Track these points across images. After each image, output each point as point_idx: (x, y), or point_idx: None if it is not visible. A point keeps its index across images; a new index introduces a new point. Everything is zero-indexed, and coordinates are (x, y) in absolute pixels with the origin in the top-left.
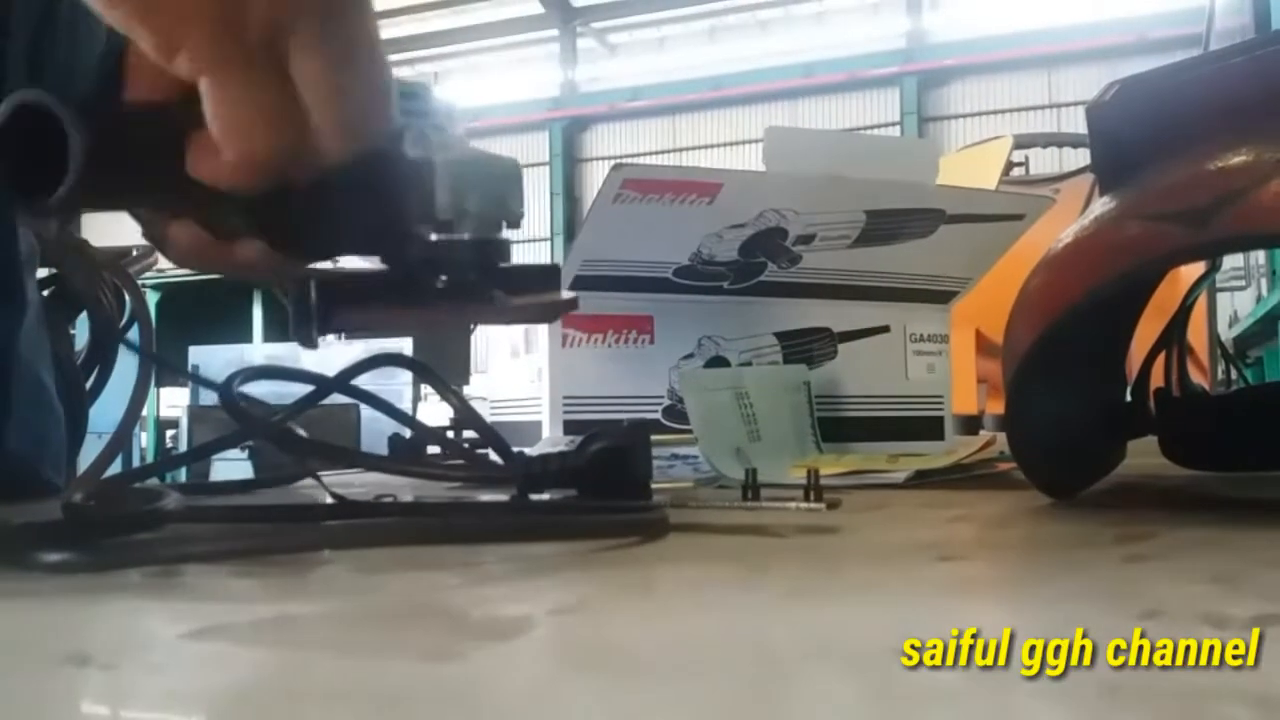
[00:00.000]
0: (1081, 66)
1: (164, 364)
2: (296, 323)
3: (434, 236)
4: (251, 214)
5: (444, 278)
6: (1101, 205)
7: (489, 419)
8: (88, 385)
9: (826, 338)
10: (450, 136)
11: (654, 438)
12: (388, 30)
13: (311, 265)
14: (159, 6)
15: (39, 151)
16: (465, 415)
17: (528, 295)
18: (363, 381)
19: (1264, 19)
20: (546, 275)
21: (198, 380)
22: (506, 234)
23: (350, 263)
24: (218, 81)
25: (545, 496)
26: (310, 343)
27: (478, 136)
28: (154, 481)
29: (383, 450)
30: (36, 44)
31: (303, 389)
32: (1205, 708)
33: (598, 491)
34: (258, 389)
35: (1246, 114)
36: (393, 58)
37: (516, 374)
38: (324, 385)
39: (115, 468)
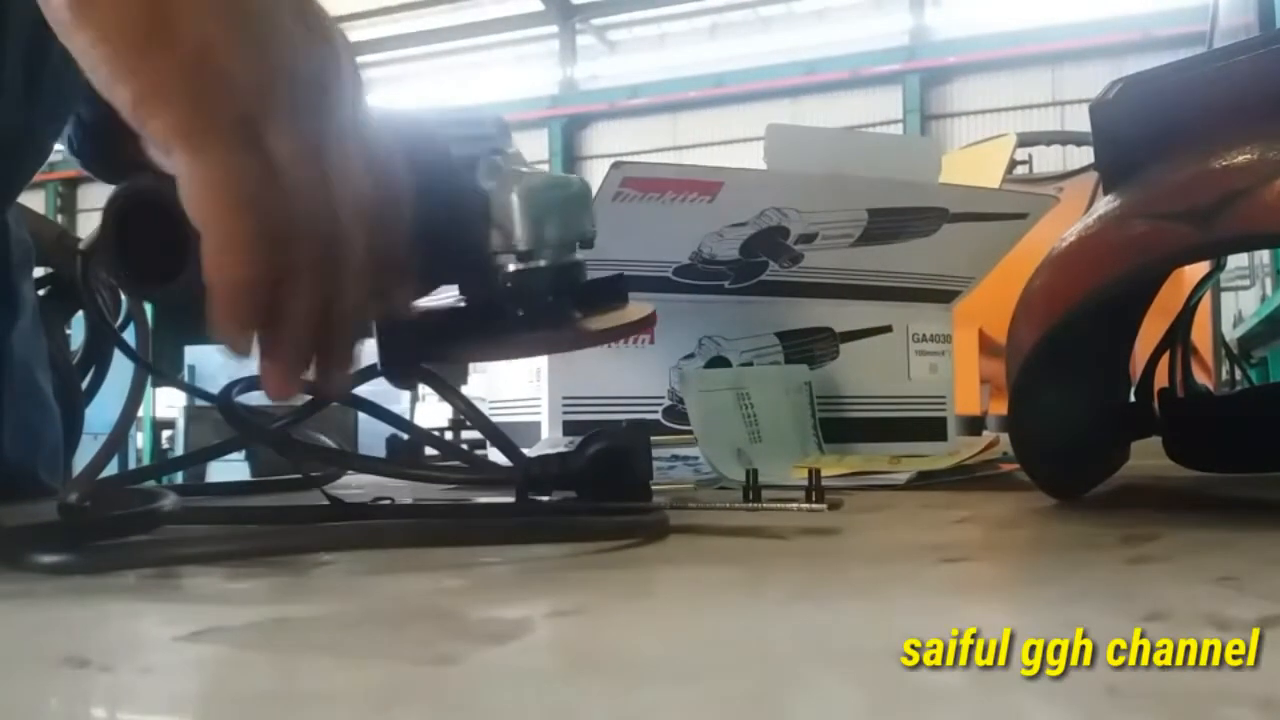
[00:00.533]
0: (1085, 64)
1: (158, 373)
2: (387, 361)
3: (513, 266)
4: None
5: (522, 310)
6: (1105, 204)
7: None
8: (84, 385)
9: (828, 337)
10: (516, 162)
11: (654, 438)
12: (387, 27)
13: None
14: (141, 72)
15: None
16: (471, 417)
17: (603, 312)
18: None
19: (1268, 17)
20: (614, 286)
21: (195, 391)
22: (580, 255)
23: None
24: (187, 157)
25: (545, 498)
26: (404, 384)
27: None
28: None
29: (380, 452)
30: (34, 45)
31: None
32: (1206, 708)
33: (597, 493)
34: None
35: (1251, 112)
36: (392, 55)
37: (515, 374)
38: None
39: (112, 468)
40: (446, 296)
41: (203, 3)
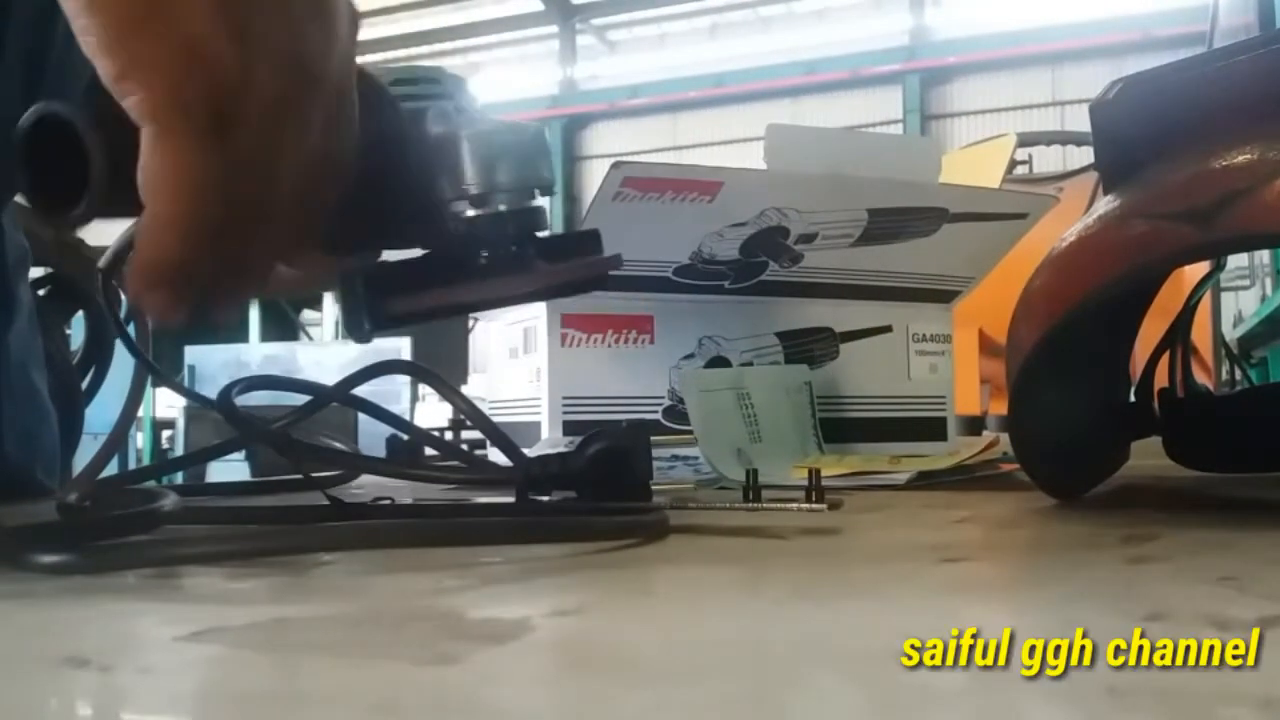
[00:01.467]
0: (1085, 64)
1: (159, 373)
2: (347, 319)
3: (469, 212)
4: None
5: (485, 254)
6: (1105, 204)
7: None
8: (84, 385)
9: (828, 337)
10: (470, 112)
11: (654, 438)
12: (386, 27)
13: (352, 261)
14: (129, 45)
15: (55, 158)
16: (471, 416)
17: (570, 261)
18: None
19: (1268, 17)
20: (586, 240)
21: (195, 397)
22: (540, 201)
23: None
24: (155, 138)
25: (545, 498)
26: (364, 337)
27: None
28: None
29: (380, 452)
30: (35, 41)
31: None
32: (1206, 708)
33: (597, 493)
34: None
35: (1251, 112)
36: (392, 55)
37: (515, 374)
38: (323, 395)
39: (112, 468)
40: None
41: None
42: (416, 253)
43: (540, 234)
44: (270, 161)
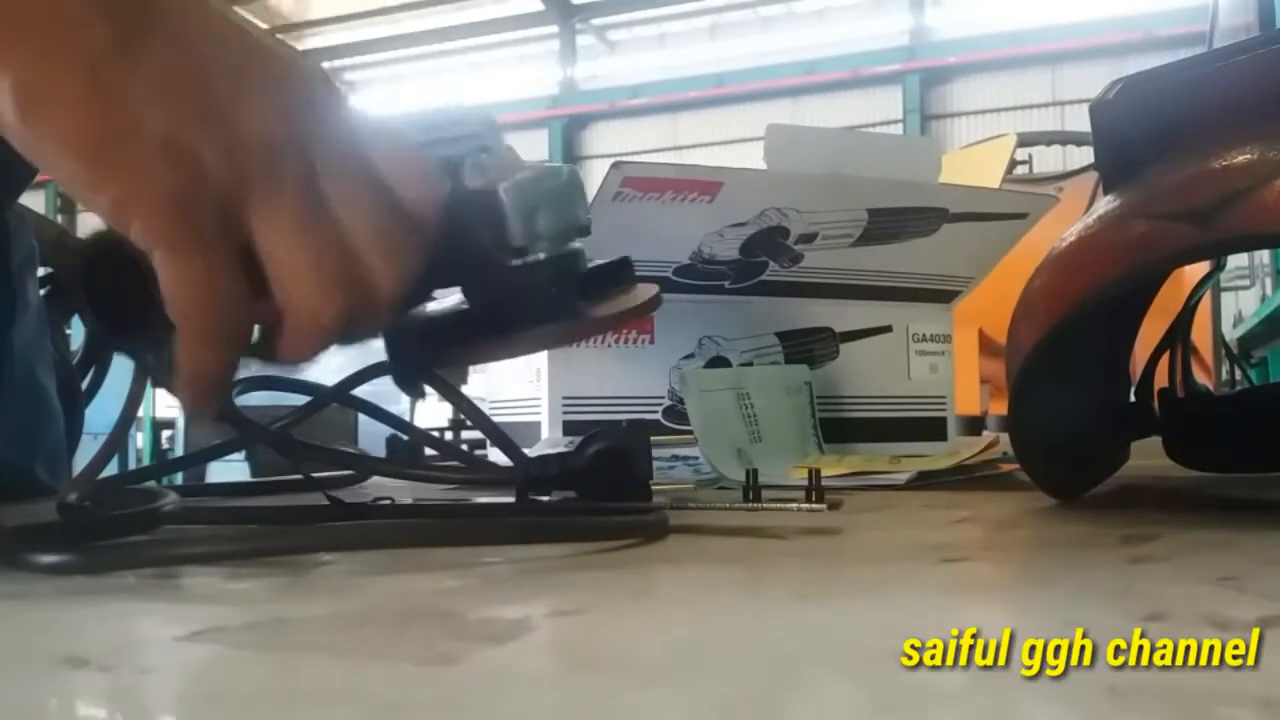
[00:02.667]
0: (1086, 64)
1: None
2: (400, 373)
3: (512, 262)
4: None
5: (524, 305)
6: (1105, 204)
7: None
8: (84, 385)
9: (828, 337)
10: (502, 156)
11: (654, 439)
12: (387, 27)
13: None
14: (111, 179)
15: (107, 282)
16: (472, 416)
17: (610, 297)
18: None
19: (1268, 17)
20: (619, 270)
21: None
22: (577, 244)
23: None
24: (167, 259)
25: (545, 498)
26: (419, 394)
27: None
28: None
29: (380, 452)
30: None
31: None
32: (1206, 708)
33: (597, 493)
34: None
35: (1251, 112)
36: (392, 55)
37: (515, 374)
38: (323, 395)
39: (112, 469)
40: (449, 301)
41: (158, 97)
42: (449, 303)
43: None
44: (307, 231)
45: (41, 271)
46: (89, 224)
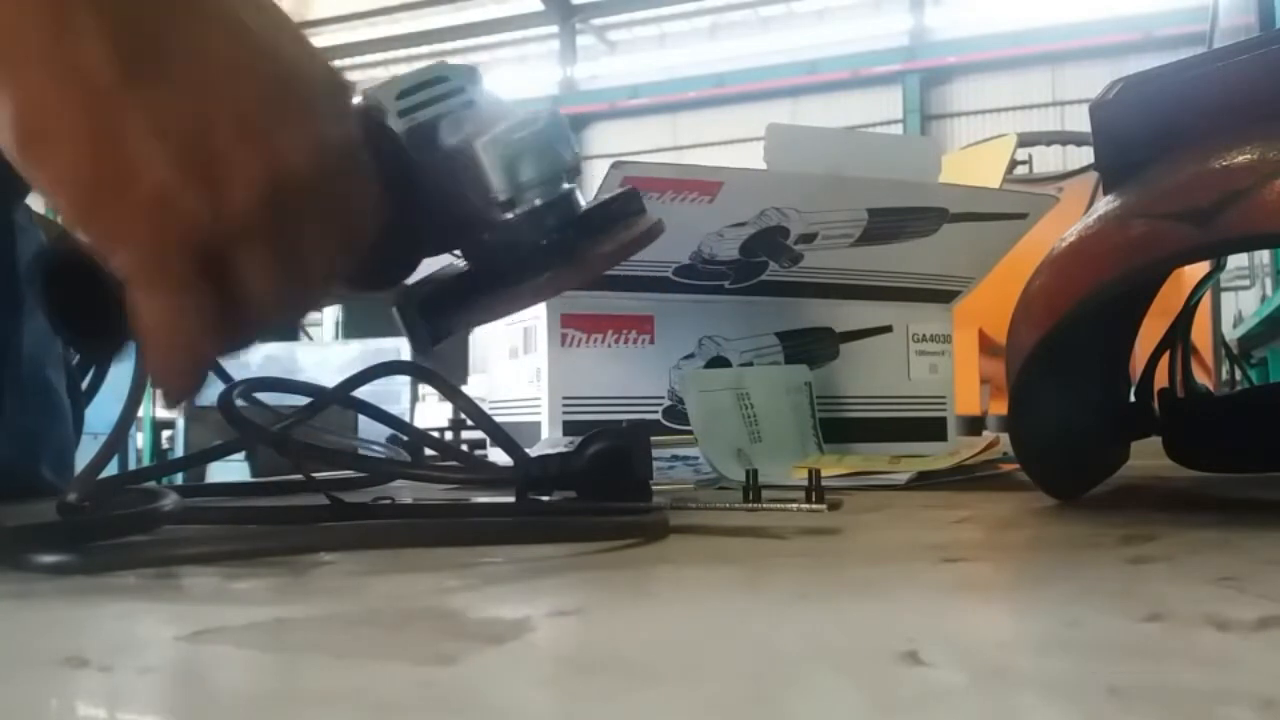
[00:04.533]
0: (1086, 64)
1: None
2: (410, 336)
3: (505, 215)
4: None
5: (524, 255)
6: (1105, 204)
7: None
8: (84, 385)
9: (828, 337)
10: (482, 108)
11: (654, 439)
12: (387, 27)
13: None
14: (99, 218)
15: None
16: (473, 415)
17: (613, 234)
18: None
19: (1269, 17)
20: (628, 202)
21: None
22: (568, 185)
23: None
24: (143, 298)
25: (545, 498)
26: (427, 351)
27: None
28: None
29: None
30: None
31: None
32: (1206, 708)
33: (597, 493)
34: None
35: (1251, 112)
36: (393, 55)
37: (515, 374)
38: (325, 396)
39: (112, 469)
40: (455, 265)
41: (157, 138)
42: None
43: (579, 213)
44: (273, 267)
45: None
46: None
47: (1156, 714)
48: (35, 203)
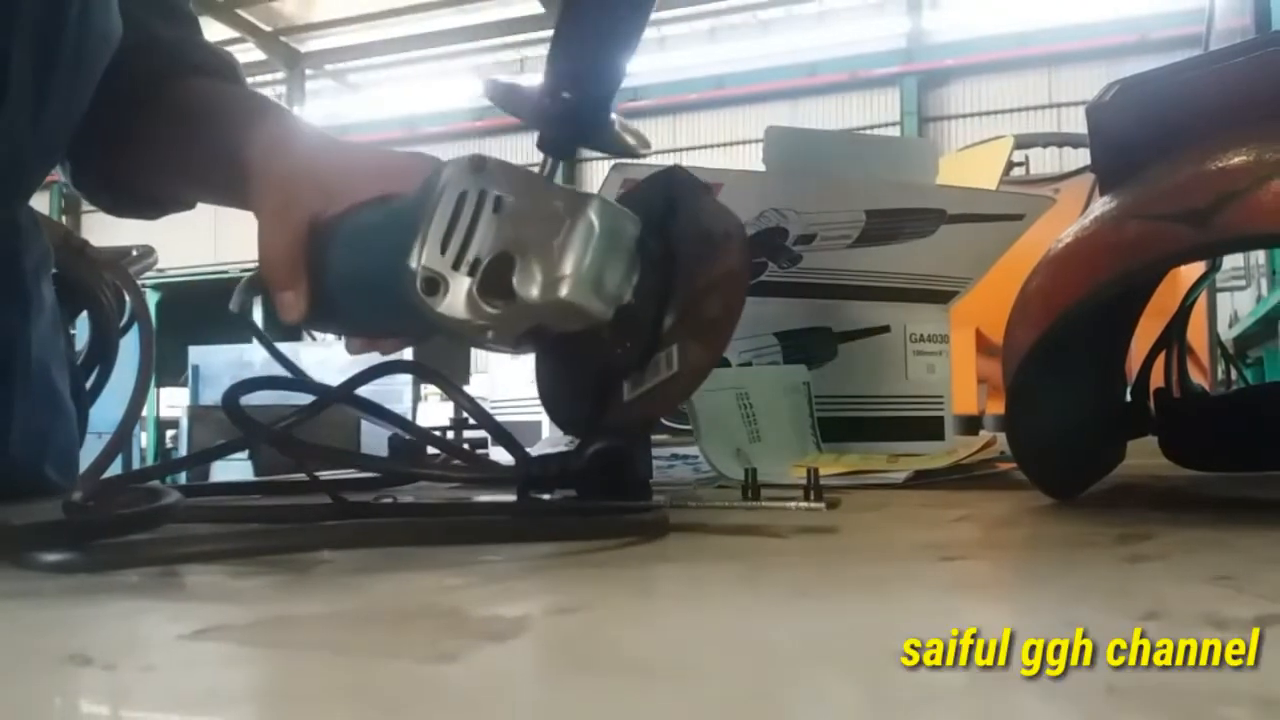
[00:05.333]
0: (1082, 66)
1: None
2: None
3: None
4: None
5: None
6: (1102, 205)
7: None
8: (88, 385)
9: (827, 338)
10: (518, 191)
11: (654, 438)
12: (389, 30)
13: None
14: (265, 213)
15: None
16: (475, 415)
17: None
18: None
19: (1264, 19)
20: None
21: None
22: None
23: None
24: (259, 221)
25: (545, 496)
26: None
27: (478, 136)
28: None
29: (383, 450)
30: (43, 45)
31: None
32: (1206, 708)
33: (598, 492)
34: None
35: (1246, 114)
36: (395, 58)
37: (516, 374)
38: (327, 395)
39: (115, 468)
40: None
41: (312, 194)
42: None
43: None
44: None
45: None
46: (92, 225)
47: (1155, 713)
48: (39, 204)
